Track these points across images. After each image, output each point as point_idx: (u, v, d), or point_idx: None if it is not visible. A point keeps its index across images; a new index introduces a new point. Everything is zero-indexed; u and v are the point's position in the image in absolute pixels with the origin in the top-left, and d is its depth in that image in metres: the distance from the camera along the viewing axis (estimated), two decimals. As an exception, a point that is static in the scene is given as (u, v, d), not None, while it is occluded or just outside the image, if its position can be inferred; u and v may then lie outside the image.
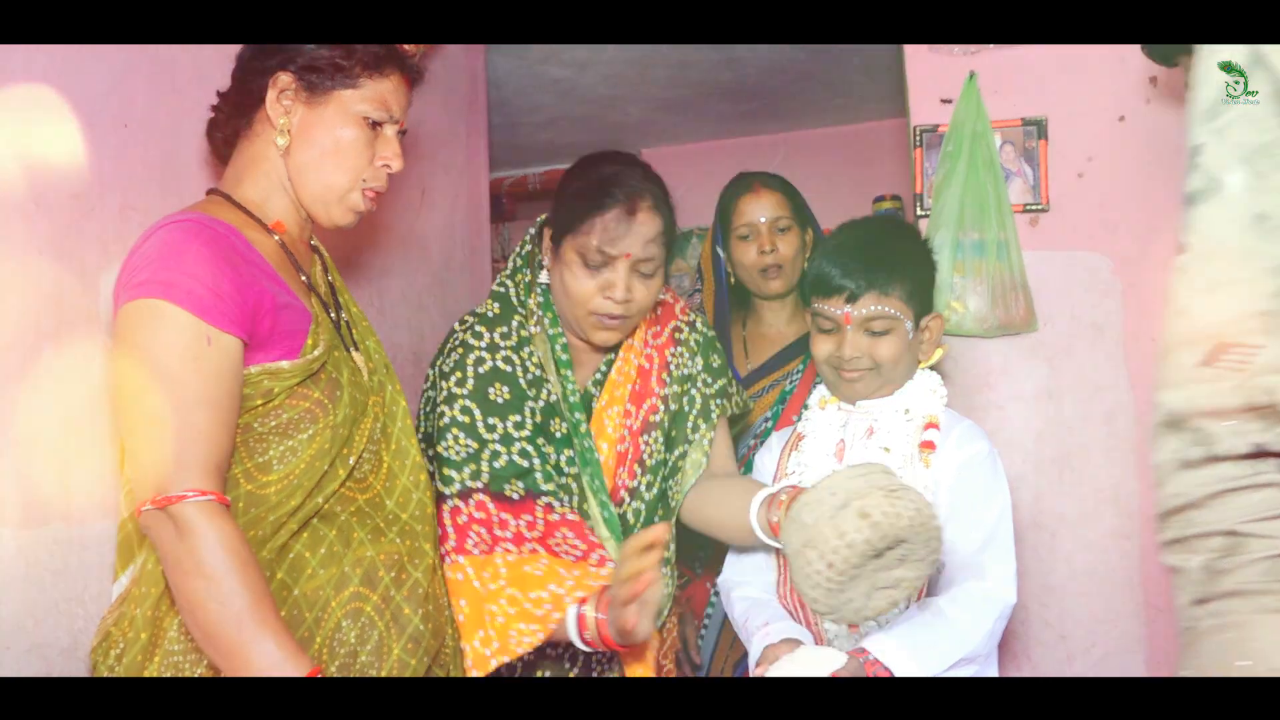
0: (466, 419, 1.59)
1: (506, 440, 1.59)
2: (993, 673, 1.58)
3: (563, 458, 1.64)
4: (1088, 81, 2.10)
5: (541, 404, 1.65)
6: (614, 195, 1.61)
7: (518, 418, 1.61)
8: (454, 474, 1.56)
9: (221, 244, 1.29)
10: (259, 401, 1.31)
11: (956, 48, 2.13)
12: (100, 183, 1.48)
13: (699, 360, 1.77)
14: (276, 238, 1.42)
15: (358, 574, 1.34)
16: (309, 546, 1.34)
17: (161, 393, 1.22)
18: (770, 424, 2.13)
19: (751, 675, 1.51)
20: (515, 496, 1.56)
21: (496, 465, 1.57)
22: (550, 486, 1.59)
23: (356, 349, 1.47)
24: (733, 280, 2.34)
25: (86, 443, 1.41)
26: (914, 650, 1.44)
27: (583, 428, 1.66)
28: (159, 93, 1.58)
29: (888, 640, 1.45)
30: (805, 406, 1.80)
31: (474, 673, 1.49)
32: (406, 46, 2.36)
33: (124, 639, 1.28)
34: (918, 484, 1.57)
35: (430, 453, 1.61)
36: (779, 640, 1.50)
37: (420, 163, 2.54)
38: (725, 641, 2.12)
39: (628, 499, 1.67)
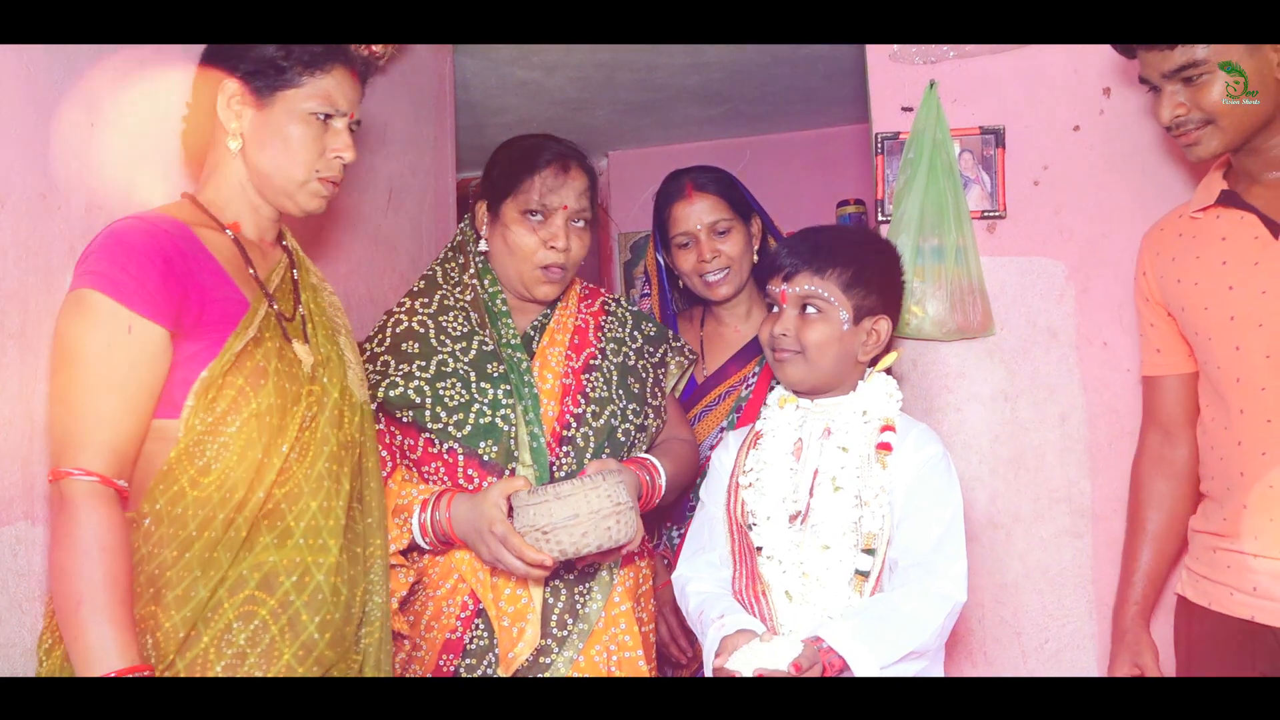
0: (381, 369, 1.79)
1: (407, 376, 1.77)
2: (939, 670, 1.62)
3: (500, 391, 1.78)
4: (1044, 92, 2.15)
5: (474, 353, 1.81)
6: (547, 155, 1.83)
7: (422, 363, 1.79)
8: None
9: (157, 238, 1.36)
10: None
11: (917, 57, 2.17)
12: (66, 180, 1.48)
13: (628, 329, 1.97)
14: (231, 235, 1.48)
15: (255, 578, 1.37)
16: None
17: (73, 375, 1.30)
18: (726, 433, 2.11)
19: (711, 665, 1.53)
20: (404, 420, 1.76)
21: (391, 394, 1.75)
22: (437, 426, 1.75)
23: (305, 342, 1.51)
24: (681, 284, 2.27)
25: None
26: (868, 640, 1.47)
27: (523, 365, 1.81)
28: (125, 92, 1.58)
29: (843, 629, 1.49)
30: (765, 405, 1.82)
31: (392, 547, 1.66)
32: (375, 46, 2.38)
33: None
34: (873, 484, 1.61)
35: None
36: (734, 631, 1.53)
37: (388, 163, 2.55)
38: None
39: (574, 424, 1.81)
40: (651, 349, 1.97)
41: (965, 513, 1.65)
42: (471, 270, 1.89)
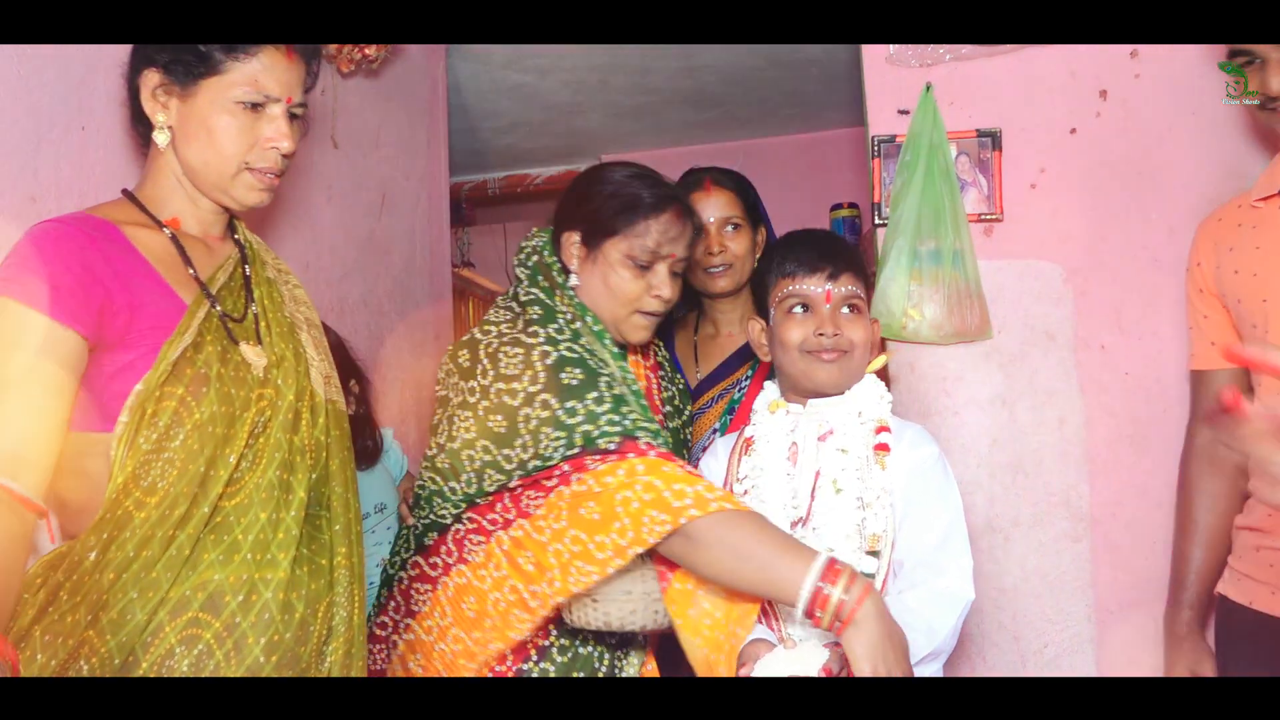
0: (546, 413, 1.54)
1: (591, 418, 1.54)
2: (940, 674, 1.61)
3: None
4: (1040, 94, 2.15)
5: (618, 389, 1.61)
6: (663, 201, 1.68)
7: (595, 394, 1.56)
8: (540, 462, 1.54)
9: (76, 240, 1.28)
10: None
11: (913, 60, 2.17)
12: (58, 185, 1.47)
13: (669, 384, 1.92)
14: (169, 233, 1.40)
15: (199, 598, 1.28)
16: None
17: None
18: (718, 435, 2.10)
19: (736, 674, 1.52)
20: (610, 446, 1.52)
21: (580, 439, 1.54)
22: (645, 424, 1.55)
23: (259, 343, 1.42)
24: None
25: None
26: None
27: (649, 411, 1.65)
28: (118, 95, 1.57)
29: None
30: (754, 410, 1.82)
31: (614, 564, 1.45)
32: (368, 48, 2.36)
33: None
34: (874, 486, 1.60)
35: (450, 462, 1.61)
36: (750, 641, 1.52)
37: (380, 167, 2.53)
38: None
39: None
40: (682, 406, 1.96)
41: (963, 517, 1.64)
42: (565, 299, 1.71)
